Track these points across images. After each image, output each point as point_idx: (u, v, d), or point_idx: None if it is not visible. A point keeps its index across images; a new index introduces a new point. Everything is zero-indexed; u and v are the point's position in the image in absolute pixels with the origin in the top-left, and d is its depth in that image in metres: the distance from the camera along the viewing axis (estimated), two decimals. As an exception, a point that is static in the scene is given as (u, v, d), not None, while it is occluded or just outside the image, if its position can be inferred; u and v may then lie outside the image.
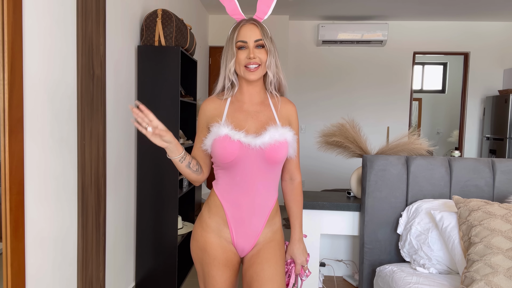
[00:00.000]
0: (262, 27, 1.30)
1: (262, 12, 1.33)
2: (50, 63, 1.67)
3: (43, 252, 1.66)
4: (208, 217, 1.36)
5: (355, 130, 2.29)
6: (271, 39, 1.31)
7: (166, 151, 1.21)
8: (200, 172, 1.34)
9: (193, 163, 1.30)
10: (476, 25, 5.29)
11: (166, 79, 2.59)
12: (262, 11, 1.33)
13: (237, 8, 1.33)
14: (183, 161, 1.24)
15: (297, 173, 1.45)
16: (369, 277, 2.12)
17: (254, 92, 1.35)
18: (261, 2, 1.32)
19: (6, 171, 1.41)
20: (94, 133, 2.02)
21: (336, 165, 5.07)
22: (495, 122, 5.08)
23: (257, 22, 1.30)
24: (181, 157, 1.23)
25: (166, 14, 2.57)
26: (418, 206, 1.96)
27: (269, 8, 1.33)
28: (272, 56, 1.30)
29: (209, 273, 1.32)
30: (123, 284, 2.54)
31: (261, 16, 1.33)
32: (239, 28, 1.29)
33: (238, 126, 1.29)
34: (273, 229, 1.39)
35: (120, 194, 2.44)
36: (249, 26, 1.29)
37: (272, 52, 1.30)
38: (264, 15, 1.33)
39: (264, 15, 1.33)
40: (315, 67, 5.48)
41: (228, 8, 1.34)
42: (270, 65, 1.30)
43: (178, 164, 1.25)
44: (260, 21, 1.32)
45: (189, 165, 1.28)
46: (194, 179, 1.33)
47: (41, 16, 1.60)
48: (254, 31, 1.28)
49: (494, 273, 1.46)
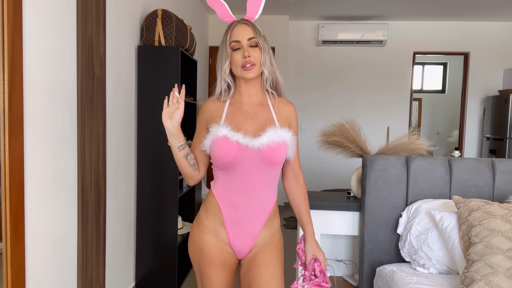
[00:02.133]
0: (254, 26, 1.31)
1: (253, 12, 1.33)
2: (50, 63, 1.67)
3: (43, 252, 1.66)
4: (205, 217, 1.36)
5: (355, 130, 2.29)
6: (264, 38, 1.32)
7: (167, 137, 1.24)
8: (196, 167, 1.34)
9: (191, 156, 1.31)
10: (476, 25, 5.29)
11: (166, 79, 2.59)
12: (252, 11, 1.33)
13: (228, 11, 1.34)
14: (181, 150, 1.26)
15: (300, 172, 1.46)
16: (369, 277, 2.12)
17: (253, 92, 1.35)
18: (251, 3, 1.33)
19: (6, 171, 1.41)
20: (94, 133, 2.02)
21: (336, 165, 5.07)
22: (495, 122, 5.08)
23: (249, 21, 1.31)
24: (180, 145, 1.26)
25: (166, 14, 2.57)
26: (418, 206, 1.96)
27: (259, 8, 1.33)
28: (266, 54, 1.30)
29: (205, 273, 1.32)
30: (123, 284, 2.54)
31: (252, 16, 1.34)
32: (232, 29, 1.30)
33: (237, 127, 1.29)
34: (272, 231, 1.38)
35: (120, 194, 2.44)
36: (241, 26, 1.30)
37: (266, 50, 1.30)
38: (255, 15, 1.34)
39: (255, 15, 1.34)
40: (315, 67, 5.48)
41: (218, 11, 1.35)
42: (265, 63, 1.31)
43: (177, 152, 1.26)
44: (251, 21, 1.33)
45: (187, 156, 1.29)
46: (189, 173, 1.33)
47: (41, 16, 1.60)
48: (247, 30, 1.29)
49: (494, 273, 1.46)
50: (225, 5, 1.33)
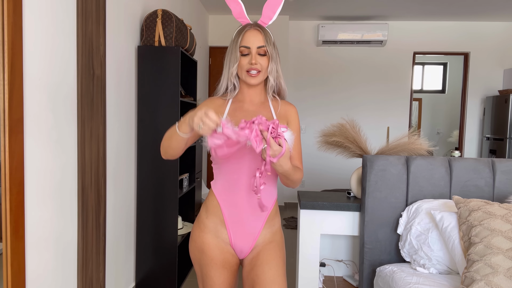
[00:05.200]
0: (266, 34, 1.32)
1: (267, 17, 1.35)
2: (50, 63, 1.67)
3: (43, 252, 1.66)
4: (205, 217, 1.37)
5: (355, 130, 2.29)
6: (274, 45, 1.34)
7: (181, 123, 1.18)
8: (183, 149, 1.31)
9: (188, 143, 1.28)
10: (476, 25, 5.29)
11: (166, 79, 2.59)
12: (267, 16, 1.34)
13: (243, 12, 1.35)
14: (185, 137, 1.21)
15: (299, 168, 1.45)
16: (369, 277, 2.12)
17: (254, 94, 1.39)
18: (267, 8, 1.34)
19: (6, 171, 1.41)
20: (94, 133, 2.02)
21: (336, 165, 5.08)
22: (495, 123, 5.08)
23: (261, 28, 1.33)
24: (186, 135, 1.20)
25: (166, 14, 2.57)
26: (418, 206, 1.96)
27: (274, 14, 1.34)
28: (274, 63, 1.33)
29: (207, 274, 1.32)
30: (123, 284, 2.54)
31: (265, 21, 1.35)
32: (244, 33, 1.31)
33: (238, 125, 1.30)
34: (272, 230, 1.38)
35: (120, 194, 2.44)
36: (253, 31, 1.31)
37: (274, 59, 1.33)
38: (269, 20, 1.35)
39: (269, 20, 1.35)
40: (315, 68, 5.48)
41: (234, 11, 1.36)
42: (271, 71, 1.34)
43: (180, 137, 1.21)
44: (264, 26, 1.35)
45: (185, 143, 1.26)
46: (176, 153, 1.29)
47: (41, 16, 1.60)
48: (258, 37, 1.30)
49: (494, 273, 1.46)
50: (241, 5, 1.35)
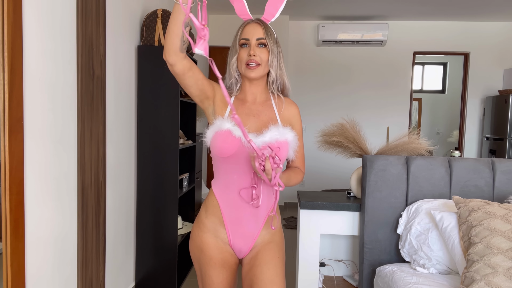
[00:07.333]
0: (267, 27, 1.31)
1: (270, 14, 1.34)
2: (50, 63, 1.67)
3: (43, 252, 1.66)
4: (205, 217, 1.37)
5: (355, 130, 2.29)
6: (276, 41, 1.33)
7: None
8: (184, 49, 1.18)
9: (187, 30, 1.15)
10: (476, 25, 5.29)
11: (166, 79, 2.59)
12: (269, 14, 1.34)
13: (245, 9, 1.35)
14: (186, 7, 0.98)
15: (301, 169, 1.46)
16: (369, 277, 2.12)
17: (256, 91, 1.37)
18: (270, 5, 1.33)
19: (6, 171, 1.41)
20: (94, 133, 2.02)
21: (336, 165, 5.08)
22: (495, 123, 5.08)
23: (262, 22, 1.32)
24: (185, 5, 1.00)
25: (166, 14, 2.58)
26: (418, 206, 1.96)
27: (277, 11, 1.34)
28: (274, 56, 1.31)
29: (206, 273, 1.33)
30: (123, 284, 2.54)
31: (268, 18, 1.34)
32: (244, 26, 1.32)
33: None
34: (272, 231, 1.38)
35: (120, 194, 2.44)
36: (253, 25, 1.31)
37: (274, 53, 1.31)
38: (271, 18, 1.34)
39: (271, 17, 1.34)
40: (315, 67, 5.48)
41: (237, 8, 1.35)
42: (272, 64, 1.32)
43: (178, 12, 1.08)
44: (267, 22, 1.34)
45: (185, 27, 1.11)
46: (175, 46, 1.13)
47: (41, 16, 1.60)
48: (257, 30, 1.30)
49: (494, 273, 1.46)
50: (244, 2, 1.34)
